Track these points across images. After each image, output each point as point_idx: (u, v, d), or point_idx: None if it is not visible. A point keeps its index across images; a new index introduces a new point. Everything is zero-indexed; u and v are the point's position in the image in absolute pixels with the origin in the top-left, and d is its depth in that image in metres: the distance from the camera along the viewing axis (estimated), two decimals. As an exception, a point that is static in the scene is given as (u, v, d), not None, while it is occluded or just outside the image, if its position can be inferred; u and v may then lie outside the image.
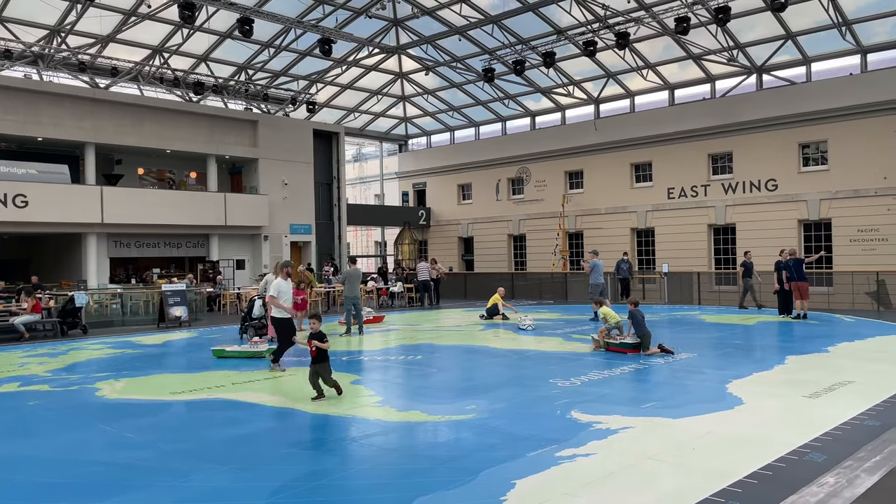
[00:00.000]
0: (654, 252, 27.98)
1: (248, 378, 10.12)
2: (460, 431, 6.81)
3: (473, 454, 6.01)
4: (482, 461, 5.76)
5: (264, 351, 12.21)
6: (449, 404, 8.00)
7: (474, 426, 6.96)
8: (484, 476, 5.38)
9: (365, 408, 8.00)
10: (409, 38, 27.87)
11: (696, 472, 5.36)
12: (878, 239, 22.39)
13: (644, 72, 26.96)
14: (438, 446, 6.47)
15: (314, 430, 7.10)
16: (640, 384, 9.16)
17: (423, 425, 7.14)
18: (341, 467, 5.81)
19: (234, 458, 6.03)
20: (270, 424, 7.42)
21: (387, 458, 6.11)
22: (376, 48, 27.75)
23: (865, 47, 23.15)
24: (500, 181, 33.39)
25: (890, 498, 4.68)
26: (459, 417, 7.33)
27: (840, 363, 10.45)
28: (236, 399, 8.65)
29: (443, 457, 5.99)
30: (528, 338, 14.49)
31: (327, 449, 6.39)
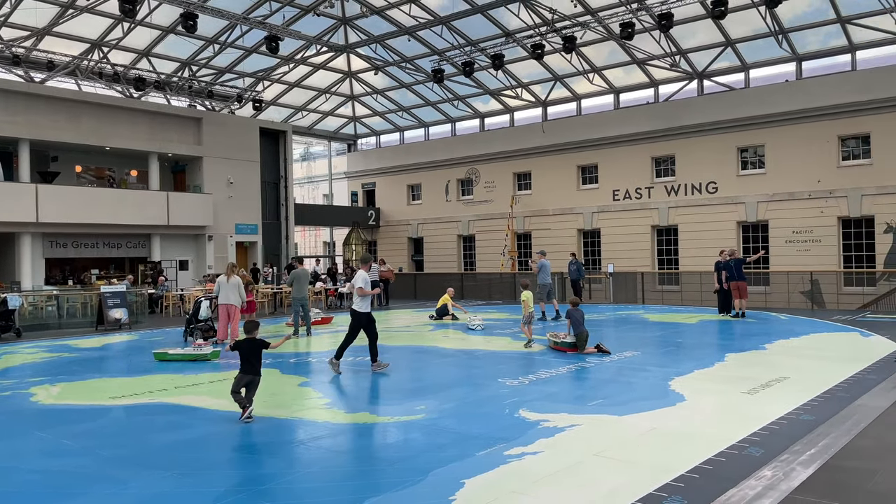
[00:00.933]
0: (599, 253, 28.48)
1: (192, 381, 9.88)
2: (410, 432, 6.79)
3: (423, 454, 6.01)
4: (431, 461, 5.76)
5: (209, 354, 11.94)
6: (398, 405, 7.97)
7: (424, 426, 6.96)
8: (433, 476, 5.37)
9: (313, 410, 7.90)
10: (358, 38, 27.69)
11: (641, 468, 5.48)
12: (811, 240, 23.30)
13: (590, 75, 27.42)
14: (387, 447, 6.44)
15: (260, 434, 6.98)
16: (587, 382, 9.31)
17: (373, 427, 7.10)
18: (288, 471, 5.73)
19: (175, 464, 5.87)
20: (215, 428, 7.25)
21: (335, 460, 6.05)
22: (324, 47, 27.47)
23: (800, 55, 24.07)
24: (449, 182, 33.47)
25: (824, 490, 4.87)
26: (409, 418, 7.31)
27: (776, 360, 10.84)
28: (179, 403, 8.43)
29: (392, 458, 5.97)
30: (477, 338, 14.57)
31: (273, 452, 6.28)
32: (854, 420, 6.73)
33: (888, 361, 10.21)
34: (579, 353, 11.54)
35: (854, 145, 22.92)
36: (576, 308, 11.92)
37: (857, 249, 22.73)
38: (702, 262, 23.50)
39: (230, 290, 14.20)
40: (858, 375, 9.16)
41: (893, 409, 7.25)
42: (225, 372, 10.74)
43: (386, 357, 12.19)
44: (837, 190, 22.78)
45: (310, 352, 13.03)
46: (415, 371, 10.94)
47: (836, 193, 22.80)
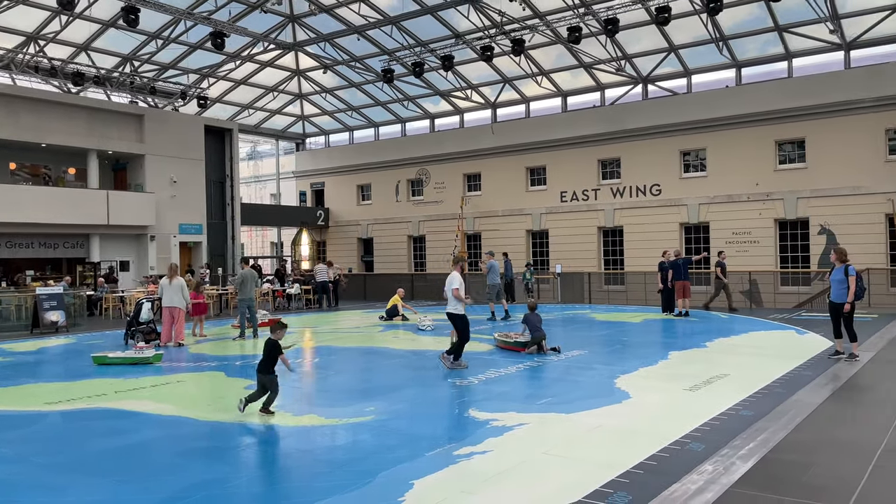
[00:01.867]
0: (548, 253, 28.84)
1: (133, 386, 9.59)
2: (359, 434, 6.75)
3: (372, 456, 5.97)
4: (381, 463, 5.73)
5: (151, 357, 11.62)
6: (347, 407, 7.91)
7: (373, 428, 6.92)
8: (382, 478, 5.35)
9: (259, 414, 7.76)
10: (307, 36, 27.36)
11: (587, 465, 5.56)
12: (750, 241, 24.09)
13: (539, 78, 27.75)
14: (336, 450, 6.38)
15: (205, 439, 6.82)
16: (535, 381, 9.40)
17: (321, 429, 7.02)
18: (234, 475, 5.61)
19: (115, 470, 5.69)
20: (157, 433, 7.06)
21: (281, 463, 5.97)
22: (272, 44, 27.06)
23: (740, 62, 24.86)
24: (399, 182, 33.39)
25: (762, 483, 5.04)
26: (358, 420, 7.26)
27: (717, 357, 11.16)
28: (119, 408, 8.18)
29: (340, 460, 5.92)
30: (427, 338, 14.57)
31: (218, 457, 6.15)
32: (790, 415, 6.98)
33: (822, 358, 10.63)
34: (526, 351, 11.63)
35: (790, 150, 23.79)
36: (533, 312, 12.00)
37: (792, 250, 23.61)
38: (646, 263, 24.01)
39: (174, 291, 13.87)
40: (794, 372, 9.50)
41: (828, 404, 7.54)
42: (167, 375, 10.48)
43: (335, 358, 12.10)
44: (774, 193, 23.61)
45: (256, 354, 12.77)
46: (364, 372, 10.87)
47: (773, 196, 23.63)
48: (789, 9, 21.81)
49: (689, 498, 4.70)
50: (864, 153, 22.06)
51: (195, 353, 13.00)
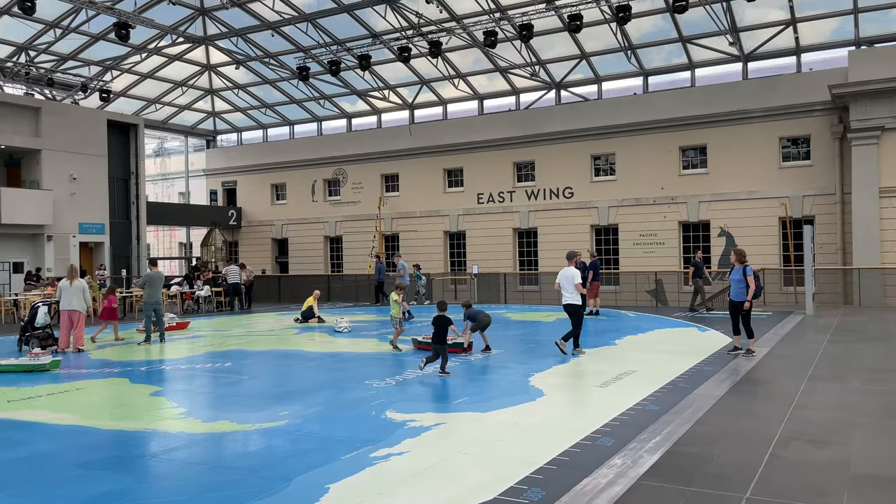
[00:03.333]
0: (465, 254, 29.11)
1: (28, 394, 9.01)
2: (272, 439, 6.59)
3: (286, 461, 5.85)
4: (296, 468, 5.62)
5: (47, 364, 10.95)
6: (260, 412, 7.71)
7: (287, 432, 6.77)
8: (297, 483, 5.24)
9: (166, 420, 7.46)
10: (218, 30, 26.50)
11: (503, 463, 5.64)
12: (656, 243, 25.13)
13: (455, 81, 27.99)
14: (249, 456, 6.20)
15: (108, 448, 6.49)
16: (453, 381, 9.46)
17: (232, 435, 6.81)
18: (138, 486, 5.36)
19: (8, 484, 5.33)
20: (55, 445, 6.65)
21: (191, 472, 5.75)
22: (181, 37, 26.08)
23: (647, 70, 25.91)
24: (316, 182, 32.89)
25: (668, 474, 5.25)
26: (271, 424, 7.09)
27: (626, 354, 11.58)
28: (13, 418, 7.66)
29: (253, 466, 5.76)
30: (344, 340, 14.42)
31: (123, 467, 5.86)
32: (693, 409, 7.31)
33: (722, 354, 11.20)
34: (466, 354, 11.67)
35: (693, 155, 24.99)
36: (469, 308, 12.09)
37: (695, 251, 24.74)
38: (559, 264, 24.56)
39: (74, 294, 13.14)
40: (697, 367, 9.97)
41: (727, 397, 7.95)
42: (66, 383, 9.90)
43: (248, 362, 11.80)
44: (678, 196, 24.74)
45: (163, 359, 12.30)
46: (278, 376, 10.64)
47: (678, 200, 24.75)
48: (692, 21, 22.92)
49: (599, 491, 4.84)
50: (760, 160, 23.44)
51: (97, 358, 12.36)
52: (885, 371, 9.43)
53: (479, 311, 12.14)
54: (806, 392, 8.08)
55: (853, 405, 7.41)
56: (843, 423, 6.64)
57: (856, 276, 20.69)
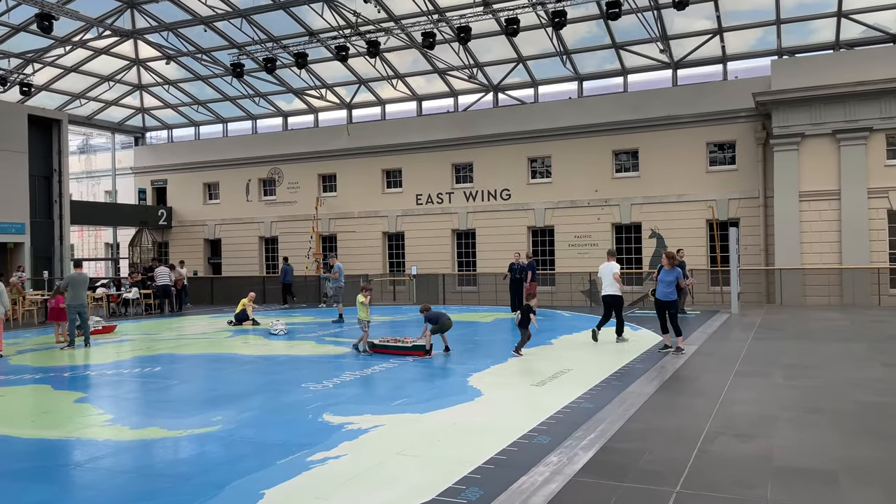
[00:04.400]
0: (403, 255, 29.06)
1: (-61, 404, 8.50)
2: (205, 445, 6.41)
3: (219, 467, 5.69)
4: (229, 474, 5.48)
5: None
6: (192, 417, 7.49)
7: (220, 438, 6.60)
8: (230, 490, 5.11)
9: (92, 428, 7.16)
10: (147, 24, 25.62)
11: (441, 463, 5.65)
12: (590, 244, 25.68)
13: (394, 81, 27.90)
14: (180, 463, 6.01)
15: (30, 458, 6.18)
16: (391, 382, 9.42)
17: (162, 442, 6.59)
18: (63, 497, 5.13)
19: (-84, 502, 5.01)
20: (-32, 457, 6.29)
21: (118, 480, 5.53)
22: (108, 30, 25.10)
23: (582, 75, 26.45)
24: (250, 181, 32.21)
25: (602, 470, 5.36)
26: (204, 430, 6.89)
27: (561, 354, 11.78)
28: (-79, 430, 7.20)
29: (185, 473, 5.59)
30: (279, 343, 14.16)
31: (46, 478, 5.59)
32: (626, 406, 7.50)
33: (653, 352, 11.53)
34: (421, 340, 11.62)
35: (625, 159, 25.66)
36: (429, 311, 12.00)
37: (627, 252, 25.45)
38: (497, 265, 24.85)
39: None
40: (629, 365, 10.23)
41: (658, 394, 8.18)
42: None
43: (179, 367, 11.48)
44: (612, 199, 25.35)
45: (88, 364, 11.80)
46: (211, 380, 10.36)
47: (611, 202, 25.36)
48: (625, 29, 23.52)
49: (536, 489, 4.90)
50: (689, 164, 24.26)
51: (17, 364, 11.77)
52: (805, 367, 9.89)
53: (441, 314, 12.05)
54: (732, 388, 8.40)
55: (776, 400, 7.74)
56: (766, 417, 6.92)
57: (778, 276, 21.66)
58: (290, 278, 25.25)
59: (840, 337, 13.15)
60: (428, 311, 12.03)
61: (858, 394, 7.93)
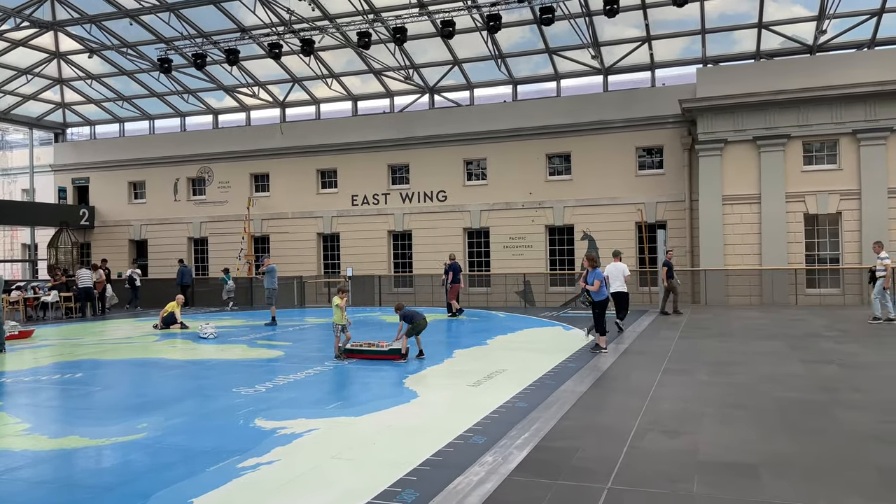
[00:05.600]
0: (339, 256, 28.76)
1: None
2: (129, 453, 6.16)
3: (145, 476, 5.48)
4: (155, 483, 5.28)
5: None
6: (115, 425, 7.19)
7: (146, 446, 6.36)
8: (157, 499, 4.93)
9: (7, 438, 6.79)
10: (69, 15, 24.50)
11: (376, 466, 5.61)
12: (524, 246, 26.03)
13: (329, 81, 27.60)
14: (102, 472, 5.76)
15: (-67, 473, 5.80)
16: (326, 385, 9.30)
17: (84, 451, 6.30)
18: (-28, 513, 4.84)
19: None
20: None
21: (37, 492, 5.25)
22: (26, 21, 23.90)
23: (516, 79, 26.80)
24: (178, 180, 31.25)
25: (536, 469, 5.43)
26: (128, 438, 6.63)
27: (496, 354, 11.89)
28: None
29: (108, 483, 5.36)
30: (209, 346, 13.77)
31: (-48, 494, 5.26)
32: (559, 404, 7.62)
33: (585, 351, 11.77)
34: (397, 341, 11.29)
35: (559, 162, 26.13)
36: (402, 309, 11.57)
37: (560, 254, 25.92)
38: (434, 266, 24.91)
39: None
40: (562, 364, 10.41)
41: (590, 393, 8.36)
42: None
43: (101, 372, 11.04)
44: (545, 201, 25.77)
45: (3, 371, 11.19)
46: (136, 386, 9.98)
47: (545, 204, 25.78)
48: (558, 34, 23.97)
49: (472, 489, 4.92)
50: (619, 168, 24.90)
51: None
52: (729, 364, 10.29)
53: (416, 313, 11.52)
54: (660, 385, 8.66)
55: (701, 396, 8.02)
56: (692, 413, 7.16)
57: (703, 277, 22.48)
58: (188, 280, 24.80)
59: (760, 335, 13.74)
60: (402, 309, 11.49)
61: (777, 390, 8.30)
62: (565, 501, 4.70)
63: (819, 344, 12.23)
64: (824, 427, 6.52)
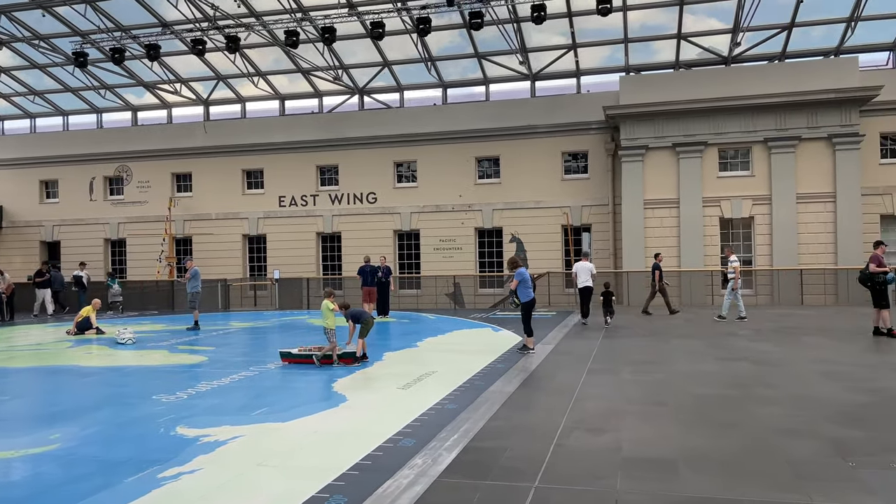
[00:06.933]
0: (266, 259, 28.17)
1: None
2: (40, 465, 5.85)
3: (58, 489, 5.21)
4: (70, 496, 5.03)
5: None
6: (25, 436, 6.81)
7: (59, 457, 6.05)
8: (70, 513, 4.70)
9: None
10: (-25, 2, 23.14)
11: (304, 472, 5.51)
12: (454, 248, 26.20)
13: (255, 79, 27.03)
14: (11, 487, 5.44)
15: None
16: (252, 391, 9.08)
17: (-11, 465, 5.94)
18: None
19: None
20: None
21: (-66, 513, 4.92)
22: (-75, 6, 22.41)
23: (446, 83, 26.96)
24: (95, 179, 29.93)
25: (466, 470, 5.46)
26: (39, 450, 6.29)
27: (427, 356, 11.91)
28: None
29: (17, 498, 5.06)
30: (127, 352, 13.23)
31: None
32: (488, 405, 7.70)
33: (513, 352, 11.94)
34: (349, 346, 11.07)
35: (488, 166, 26.44)
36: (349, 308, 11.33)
37: (489, 256, 26.22)
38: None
39: None
40: (491, 365, 10.52)
41: (518, 392, 8.47)
42: None
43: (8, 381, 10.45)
44: (475, 204, 26.02)
45: None
46: (48, 394, 9.49)
47: (474, 207, 26.02)
48: (487, 40, 24.27)
49: (401, 492, 4.91)
50: (546, 172, 25.41)
51: None
52: (649, 363, 10.64)
53: (363, 311, 11.38)
54: (585, 385, 8.87)
55: (623, 395, 8.26)
56: (615, 411, 7.37)
57: (625, 279, 23.18)
58: (59, 285, 23.39)
59: (679, 334, 14.28)
60: (348, 309, 11.23)
61: (696, 387, 8.64)
62: (493, 501, 4.75)
63: (733, 342, 12.81)
64: (738, 421, 6.83)
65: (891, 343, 12.29)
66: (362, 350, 11.13)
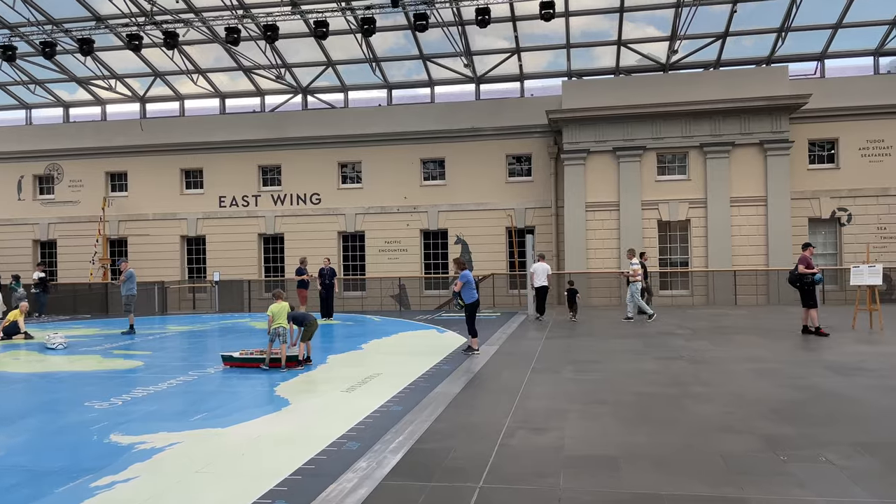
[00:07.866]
0: (205, 260, 27.51)
1: None
2: (-38, 479, 5.55)
3: (-20, 504, 4.96)
4: (-7, 510, 4.79)
5: None
6: (-55, 448, 6.46)
7: (-17, 469, 5.76)
8: (-5, 528, 4.48)
9: None
10: None
11: (245, 478, 5.40)
12: (399, 249, 26.13)
13: (194, 76, 26.39)
14: (-72, 503, 5.15)
15: None
16: (190, 396, 8.85)
17: None
18: None
19: None
20: None
21: None
22: None
23: (391, 84, 26.87)
24: (23, 178, 28.67)
25: (411, 472, 5.45)
26: (-39, 462, 5.97)
27: (371, 358, 11.83)
28: None
29: (-65, 515, 4.80)
30: (58, 358, 12.70)
31: None
32: (433, 407, 7.70)
33: (458, 353, 11.97)
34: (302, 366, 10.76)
35: (433, 167, 26.48)
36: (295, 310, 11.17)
37: (434, 258, 26.25)
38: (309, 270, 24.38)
39: None
40: (436, 367, 10.53)
41: (462, 394, 8.50)
42: None
43: (-72, 390, 9.90)
44: (420, 206, 26.01)
45: None
46: (-29, 404, 9.02)
47: (419, 209, 26.02)
48: (432, 42, 24.33)
49: (345, 496, 4.86)
50: (490, 174, 25.61)
51: None
52: (591, 362, 10.83)
53: (307, 314, 11.29)
54: (528, 384, 8.97)
55: (566, 394, 8.39)
56: (558, 410, 7.47)
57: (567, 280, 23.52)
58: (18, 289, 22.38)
59: (619, 334, 14.59)
60: (292, 310, 11.09)
61: (635, 385, 8.84)
62: (438, 502, 4.75)
63: (671, 341, 13.16)
64: (676, 419, 7.01)
65: (819, 341, 12.84)
66: (306, 353, 10.98)
